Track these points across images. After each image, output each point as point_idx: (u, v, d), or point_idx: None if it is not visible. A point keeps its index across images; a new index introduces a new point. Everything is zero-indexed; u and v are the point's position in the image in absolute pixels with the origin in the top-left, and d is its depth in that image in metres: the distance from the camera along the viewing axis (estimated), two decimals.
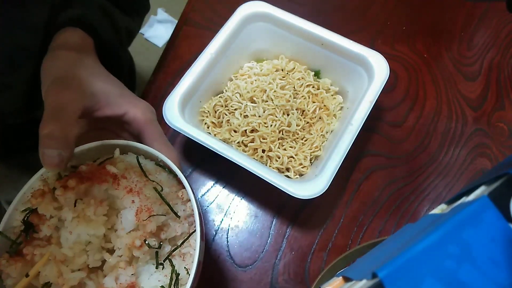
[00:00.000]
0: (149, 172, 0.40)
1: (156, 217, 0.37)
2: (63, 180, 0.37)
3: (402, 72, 0.70)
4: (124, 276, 0.35)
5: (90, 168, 0.39)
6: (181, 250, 0.38)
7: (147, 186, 0.38)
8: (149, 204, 0.37)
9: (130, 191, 0.37)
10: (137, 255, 0.36)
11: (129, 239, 0.36)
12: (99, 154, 0.41)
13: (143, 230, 0.36)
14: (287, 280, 0.54)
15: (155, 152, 0.39)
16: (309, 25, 0.61)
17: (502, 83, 0.69)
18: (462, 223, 0.22)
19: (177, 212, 0.38)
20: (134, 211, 0.36)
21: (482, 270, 0.21)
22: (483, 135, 0.64)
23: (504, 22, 0.75)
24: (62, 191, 0.36)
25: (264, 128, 0.57)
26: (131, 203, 0.37)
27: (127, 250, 0.36)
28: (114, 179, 0.38)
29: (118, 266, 0.35)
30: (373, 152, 0.63)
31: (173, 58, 0.70)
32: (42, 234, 0.36)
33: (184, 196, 0.39)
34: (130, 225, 0.36)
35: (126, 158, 0.41)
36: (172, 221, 0.39)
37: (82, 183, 0.37)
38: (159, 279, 0.36)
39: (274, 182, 0.50)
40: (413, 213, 0.58)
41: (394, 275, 0.21)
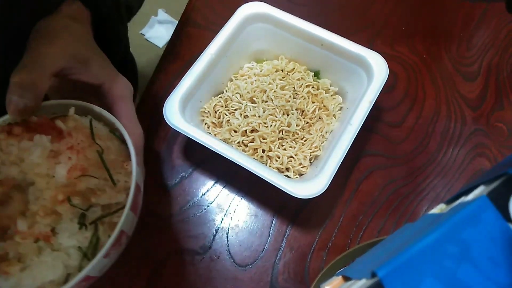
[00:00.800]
0: (100, 137, 0.40)
1: (88, 178, 0.37)
2: (8, 126, 0.37)
3: (401, 72, 0.70)
4: (39, 225, 0.35)
5: (40, 120, 0.38)
6: (112, 219, 0.37)
7: (91, 149, 0.38)
8: (86, 165, 0.37)
9: (71, 148, 0.37)
10: (59, 210, 0.35)
11: (53, 192, 0.35)
12: (59, 112, 0.41)
13: (71, 188, 0.36)
14: (287, 279, 0.54)
15: (111, 117, 0.39)
16: (308, 25, 0.61)
17: (501, 83, 0.69)
18: (461, 222, 0.22)
19: (117, 181, 0.38)
20: (67, 168, 0.36)
21: (481, 269, 0.21)
22: (482, 135, 0.65)
23: (503, 23, 0.75)
24: (5, 136, 0.37)
25: (264, 128, 0.57)
26: (67, 160, 0.37)
27: (49, 202, 0.35)
28: (59, 134, 0.38)
29: (37, 213, 0.35)
30: (372, 152, 0.63)
31: (173, 58, 0.70)
32: None
33: (129, 168, 0.39)
34: (60, 180, 0.36)
35: (81, 120, 0.40)
36: (109, 188, 0.38)
37: (27, 133, 0.37)
38: (79, 239, 0.36)
39: (274, 182, 0.50)
40: (412, 212, 0.59)
41: (394, 274, 0.21)
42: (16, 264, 0.34)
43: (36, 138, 0.37)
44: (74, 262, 0.35)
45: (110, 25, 0.50)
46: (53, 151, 0.37)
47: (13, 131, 0.37)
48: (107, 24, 0.50)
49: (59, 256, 0.35)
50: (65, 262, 0.35)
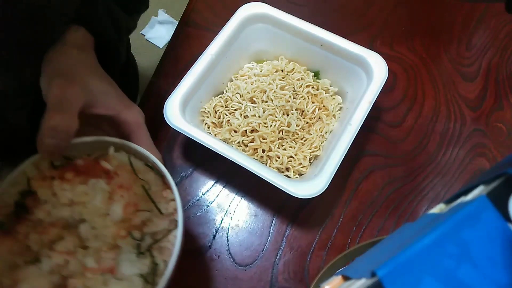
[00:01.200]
0: (139, 171, 0.43)
1: (142, 212, 0.40)
2: (60, 171, 0.40)
3: (401, 72, 0.70)
4: (105, 259, 0.38)
5: (85, 162, 0.41)
6: (160, 244, 0.41)
7: (136, 184, 0.41)
8: (137, 200, 0.40)
9: (121, 187, 0.40)
10: (120, 244, 0.39)
11: (115, 229, 0.39)
12: (92, 149, 0.43)
13: (128, 223, 0.39)
14: (286, 279, 0.54)
15: (147, 153, 0.42)
16: (308, 26, 0.61)
17: (501, 83, 0.69)
18: (461, 222, 0.22)
19: (161, 210, 0.41)
20: (122, 205, 0.39)
21: (480, 269, 0.21)
22: (482, 135, 0.65)
23: (502, 23, 0.75)
24: (60, 182, 0.39)
25: (264, 128, 0.57)
26: (120, 197, 0.40)
27: (111, 238, 0.39)
28: (107, 175, 0.41)
29: (101, 249, 0.38)
30: (372, 152, 0.63)
31: (173, 59, 0.70)
32: (35, 217, 0.39)
33: (168, 196, 0.42)
34: (117, 217, 0.39)
35: (118, 156, 0.43)
36: (155, 217, 0.41)
37: (78, 176, 0.40)
38: (138, 267, 0.39)
39: (274, 181, 0.50)
40: (411, 212, 0.59)
41: (393, 274, 0.21)
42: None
43: (93, 183, 0.40)
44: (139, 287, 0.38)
45: (110, 46, 0.52)
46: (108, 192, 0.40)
47: (66, 176, 0.40)
48: (108, 45, 0.51)
49: (124, 285, 0.38)
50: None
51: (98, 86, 0.44)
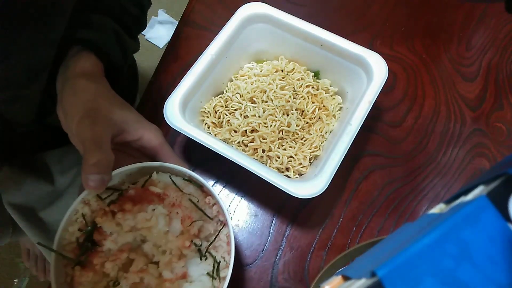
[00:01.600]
0: (181, 187, 0.48)
1: (196, 222, 0.46)
2: (118, 204, 0.45)
3: (401, 72, 0.70)
4: (177, 268, 0.44)
5: (136, 191, 0.46)
6: (215, 244, 0.47)
7: (184, 198, 0.47)
8: (189, 213, 0.46)
9: (173, 205, 0.46)
10: (185, 253, 0.45)
11: (179, 242, 0.45)
12: (136, 176, 0.48)
13: (188, 234, 0.45)
14: (286, 278, 0.54)
15: (184, 170, 0.46)
16: (308, 26, 0.61)
17: (501, 83, 0.69)
18: (461, 222, 0.22)
19: (209, 216, 0.47)
20: (180, 220, 0.46)
21: (480, 269, 0.21)
22: (482, 135, 0.65)
23: (502, 23, 0.75)
24: (122, 214, 0.45)
25: (264, 128, 0.57)
26: (176, 214, 0.46)
27: (177, 250, 0.45)
28: (159, 197, 0.46)
29: (172, 261, 0.44)
30: (372, 152, 0.63)
31: (173, 58, 0.70)
32: (105, 248, 0.44)
33: (210, 201, 0.48)
34: (177, 231, 0.45)
35: (161, 178, 0.48)
36: (206, 223, 0.47)
37: (135, 205, 0.46)
38: (204, 268, 0.45)
39: (274, 181, 0.50)
40: (411, 212, 0.59)
41: (393, 274, 0.21)
42: None
43: (151, 208, 0.45)
44: (208, 284, 0.45)
45: (117, 69, 0.54)
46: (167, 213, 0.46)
47: (125, 208, 0.45)
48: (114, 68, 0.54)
49: (197, 285, 0.45)
50: (203, 286, 0.45)
51: (120, 115, 0.47)
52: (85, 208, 0.45)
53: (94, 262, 0.43)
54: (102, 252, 0.44)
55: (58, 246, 0.43)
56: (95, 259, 0.44)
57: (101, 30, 0.52)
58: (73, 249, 0.44)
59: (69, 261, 0.43)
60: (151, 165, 0.47)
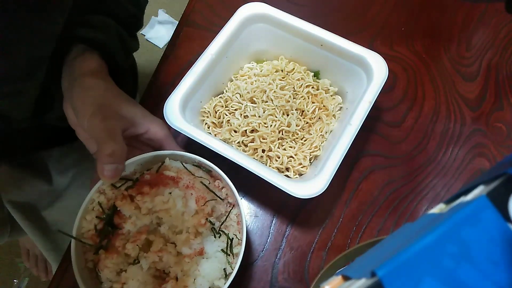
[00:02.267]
0: (192, 171, 0.51)
1: (209, 202, 0.49)
2: (136, 189, 0.48)
3: (401, 72, 0.70)
4: (194, 245, 0.47)
5: (152, 176, 0.50)
6: (226, 224, 0.50)
7: (197, 181, 0.50)
8: (202, 194, 0.49)
9: (187, 187, 0.49)
10: (200, 230, 0.48)
11: (195, 220, 0.48)
12: (147, 164, 0.51)
13: (202, 213, 0.48)
14: (286, 278, 0.54)
15: (195, 156, 0.49)
16: (308, 26, 0.61)
17: (501, 83, 0.69)
18: (461, 222, 0.22)
19: (220, 197, 0.51)
20: (194, 200, 0.49)
21: (480, 269, 0.21)
22: (482, 135, 0.65)
23: (502, 23, 0.75)
24: (141, 197, 0.47)
25: (264, 128, 0.57)
26: (190, 195, 0.49)
27: (193, 228, 0.48)
28: (173, 180, 0.49)
29: (189, 238, 0.47)
30: (372, 152, 0.63)
31: (173, 59, 0.70)
32: (125, 230, 0.47)
33: (220, 185, 0.51)
34: (192, 211, 0.48)
35: (173, 164, 0.51)
36: (217, 204, 0.50)
37: (152, 188, 0.48)
38: (218, 245, 0.49)
39: (274, 181, 0.50)
40: (411, 212, 0.59)
41: (393, 274, 0.21)
42: (188, 278, 0.46)
43: (168, 191, 0.49)
44: (223, 260, 0.48)
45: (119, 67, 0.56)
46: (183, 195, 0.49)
47: (144, 191, 0.48)
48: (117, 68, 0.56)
49: (213, 260, 0.48)
50: (219, 262, 0.48)
51: (128, 110, 0.50)
52: (101, 197, 0.48)
53: (117, 245, 0.46)
54: (122, 235, 0.47)
55: (77, 234, 0.46)
56: (117, 241, 0.47)
57: (104, 31, 0.53)
58: (91, 236, 0.47)
59: (89, 246, 0.46)
60: (163, 153, 0.50)
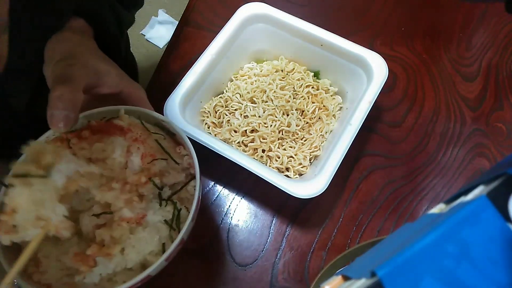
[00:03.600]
0: (150, 129, 0.45)
1: (159, 161, 0.42)
2: (76, 132, 0.41)
3: (401, 72, 0.70)
4: (137, 209, 0.40)
5: (99, 123, 0.43)
6: (180, 195, 0.44)
7: (150, 138, 0.44)
8: (152, 152, 0.43)
9: (136, 140, 0.43)
10: (142, 191, 0.41)
11: (136, 177, 0.40)
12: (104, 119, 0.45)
13: (147, 172, 0.42)
14: (286, 278, 0.54)
15: (158, 115, 0.44)
16: (308, 26, 0.61)
17: (501, 83, 0.69)
18: (461, 222, 0.22)
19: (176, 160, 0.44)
20: (140, 156, 0.42)
21: (480, 269, 0.21)
22: (482, 135, 0.65)
23: (502, 23, 0.75)
24: (77, 141, 0.41)
25: (264, 128, 0.57)
26: (136, 149, 0.42)
27: (133, 186, 0.40)
28: (121, 131, 0.43)
29: (133, 200, 0.40)
30: (372, 152, 0.63)
31: (174, 59, 0.70)
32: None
33: (182, 152, 0.45)
34: (136, 167, 0.41)
35: (129, 117, 0.45)
36: (172, 169, 0.44)
37: (94, 134, 0.42)
38: (162, 214, 0.42)
39: (274, 181, 0.50)
40: (411, 212, 0.59)
41: (393, 274, 0.21)
42: (115, 246, 0.39)
43: (111, 140, 0.41)
44: (165, 233, 0.41)
45: (112, 41, 0.54)
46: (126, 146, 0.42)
47: (82, 135, 0.41)
48: (108, 37, 0.54)
49: (151, 230, 0.40)
50: (158, 235, 0.41)
51: (100, 66, 0.45)
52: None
53: None
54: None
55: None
56: None
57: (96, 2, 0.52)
58: None
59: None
60: (125, 108, 0.45)
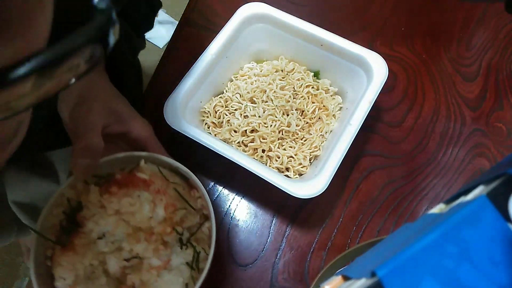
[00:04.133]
0: (167, 176, 0.48)
1: (179, 210, 0.46)
2: (104, 187, 0.46)
3: (401, 72, 0.70)
4: (163, 256, 0.44)
5: (123, 176, 0.47)
6: (196, 236, 0.47)
7: (169, 188, 0.47)
8: (173, 201, 0.46)
9: (158, 192, 0.46)
10: (167, 239, 0.45)
11: (161, 227, 0.45)
12: (123, 164, 0.49)
13: (170, 221, 0.45)
14: (286, 279, 0.54)
15: (172, 161, 0.48)
16: (308, 26, 0.61)
17: (501, 83, 0.69)
18: (461, 222, 0.22)
19: (193, 206, 0.48)
20: (163, 206, 0.45)
21: (480, 269, 0.21)
22: (482, 135, 0.65)
23: (502, 23, 0.75)
24: (107, 196, 0.45)
25: (264, 128, 0.57)
26: (160, 201, 0.45)
27: (159, 236, 0.45)
28: (145, 183, 0.46)
29: (159, 248, 0.44)
30: (372, 152, 0.63)
31: (173, 58, 0.70)
32: (87, 229, 0.44)
33: (195, 194, 0.48)
34: (160, 218, 0.45)
35: (149, 166, 0.48)
36: (189, 214, 0.47)
37: (121, 189, 0.46)
38: (183, 257, 0.45)
39: (274, 181, 0.50)
40: (411, 212, 0.59)
41: (393, 274, 0.21)
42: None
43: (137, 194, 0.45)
44: (187, 274, 0.45)
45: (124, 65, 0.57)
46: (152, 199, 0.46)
47: (111, 190, 0.45)
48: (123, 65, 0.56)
49: (176, 273, 0.45)
50: (182, 276, 0.45)
51: (114, 106, 0.48)
52: (71, 192, 0.46)
53: (75, 243, 0.44)
54: (83, 233, 0.44)
55: (42, 228, 0.44)
56: (76, 239, 0.44)
57: None
58: (55, 232, 0.45)
59: (51, 242, 0.44)
60: (140, 154, 0.48)
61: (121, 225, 0.45)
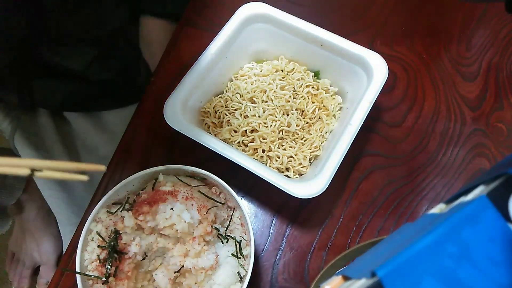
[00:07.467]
0: (188, 182, 0.51)
1: (211, 209, 0.49)
2: (135, 210, 0.48)
3: (401, 72, 0.70)
4: (210, 255, 0.48)
5: (148, 194, 0.50)
6: (230, 228, 0.51)
7: (194, 191, 0.50)
8: (202, 203, 0.49)
9: (187, 198, 0.49)
10: (208, 239, 0.48)
11: (202, 229, 0.48)
12: (142, 184, 0.52)
13: (207, 221, 0.48)
14: (286, 279, 0.54)
15: (187, 167, 0.50)
16: (308, 26, 0.61)
17: (501, 83, 0.69)
18: (461, 222, 0.22)
19: (220, 202, 0.51)
20: (197, 210, 0.48)
21: (481, 269, 0.21)
22: (482, 135, 0.65)
23: (503, 23, 0.75)
24: (143, 217, 0.47)
25: (264, 128, 0.57)
26: (191, 206, 0.48)
27: (201, 238, 0.48)
28: (172, 195, 0.49)
29: (204, 249, 0.47)
30: (372, 152, 0.63)
31: (174, 58, 0.70)
32: (131, 253, 0.47)
33: (216, 191, 0.52)
34: (196, 221, 0.48)
35: (167, 178, 0.51)
36: (218, 210, 0.51)
37: (152, 207, 0.48)
38: (227, 250, 0.49)
39: (274, 181, 0.50)
40: (412, 212, 0.59)
41: (393, 274, 0.21)
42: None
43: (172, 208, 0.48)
44: (235, 264, 0.48)
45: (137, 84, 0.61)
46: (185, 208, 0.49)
47: (143, 211, 0.48)
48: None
49: (226, 266, 0.48)
50: (232, 267, 0.48)
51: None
52: (98, 226, 0.48)
53: (125, 269, 0.46)
54: (129, 258, 0.47)
55: (81, 267, 0.46)
56: (125, 266, 0.46)
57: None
58: (96, 267, 0.46)
59: (96, 278, 0.45)
60: (155, 169, 0.50)
61: (161, 241, 0.48)
